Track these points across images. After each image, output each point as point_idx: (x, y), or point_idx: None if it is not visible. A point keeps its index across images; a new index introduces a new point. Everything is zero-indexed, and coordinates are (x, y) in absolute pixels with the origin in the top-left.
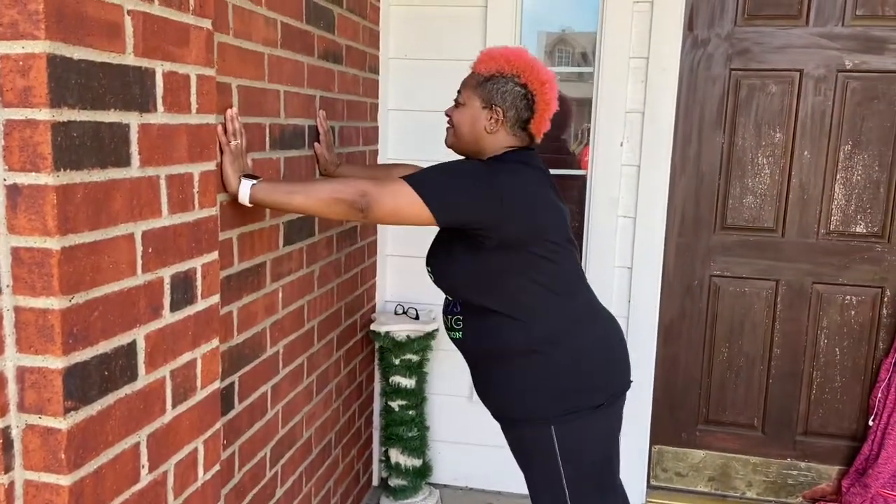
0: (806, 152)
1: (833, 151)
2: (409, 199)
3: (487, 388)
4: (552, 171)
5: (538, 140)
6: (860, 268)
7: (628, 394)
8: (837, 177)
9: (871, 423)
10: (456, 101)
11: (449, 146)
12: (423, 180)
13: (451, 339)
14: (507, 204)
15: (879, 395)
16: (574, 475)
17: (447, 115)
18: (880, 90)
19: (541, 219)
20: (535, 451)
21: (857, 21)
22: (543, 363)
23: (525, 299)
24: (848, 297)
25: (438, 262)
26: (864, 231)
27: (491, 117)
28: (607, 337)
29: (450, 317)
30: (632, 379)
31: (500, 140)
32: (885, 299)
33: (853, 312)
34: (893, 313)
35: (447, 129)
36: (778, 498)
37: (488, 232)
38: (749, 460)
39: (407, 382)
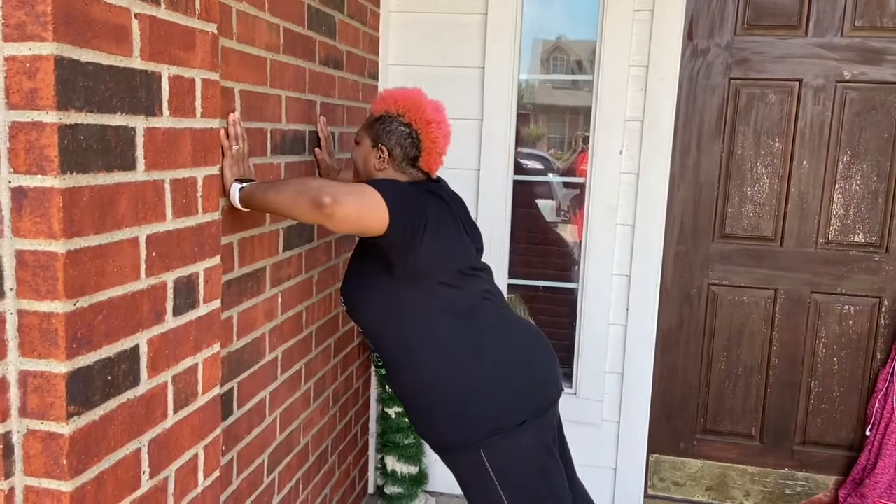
0: (805, 162)
1: (832, 161)
2: (375, 202)
3: (416, 420)
4: (549, 179)
5: (433, 175)
6: (858, 277)
7: (626, 403)
8: (836, 187)
9: (868, 433)
10: (354, 139)
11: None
12: (385, 187)
13: (381, 375)
14: (430, 230)
15: (877, 404)
16: (513, 493)
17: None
18: (878, 101)
19: (447, 250)
20: (472, 476)
21: (855, 32)
22: (459, 391)
23: (430, 329)
24: (846, 306)
25: (350, 289)
26: (863, 241)
27: (379, 156)
28: (522, 354)
29: (374, 355)
30: (561, 389)
31: (389, 177)
32: (883, 309)
33: (851, 322)
34: (891, 323)
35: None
36: None
37: (406, 256)
38: (747, 470)
39: None
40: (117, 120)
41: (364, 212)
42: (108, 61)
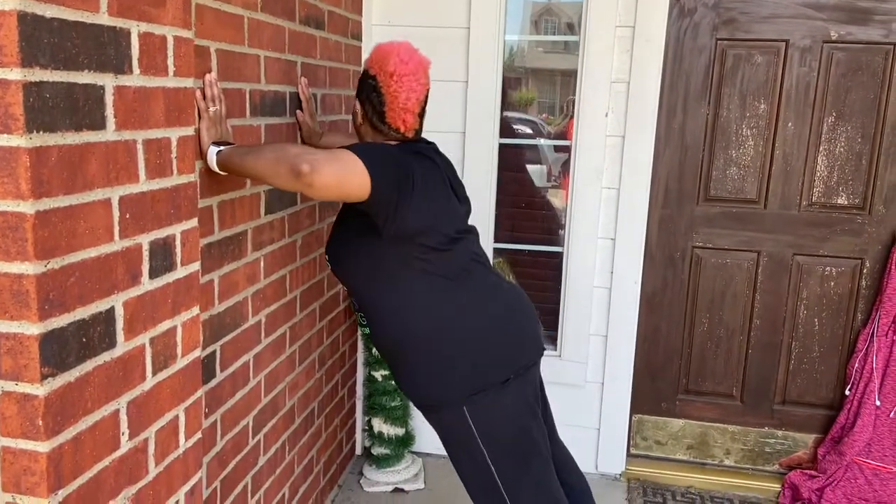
0: (790, 124)
1: (817, 123)
2: (355, 168)
3: (401, 378)
4: (534, 142)
5: (406, 134)
6: (841, 239)
7: (610, 364)
8: (820, 148)
9: (847, 392)
10: None
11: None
12: (365, 152)
13: (364, 335)
14: (417, 192)
15: (856, 365)
16: (496, 452)
17: None
18: (864, 61)
19: (437, 212)
20: (455, 434)
21: None
22: (443, 348)
23: (418, 287)
24: (828, 268)
25: (335, 249)
26: (846, 203)
27: (358, 110)
28: (507, 313)
29: (358, 314)
30: (543, 349)
31: (367, 134)
32: (865, 271)
33: (833, 284)
34: (872, 285)
35: None
36: (755, 465)
37: (393, 219)
38: (727, 429)
39: None
40: (85, 78)
41: (344, 179)
42: (74, 17)
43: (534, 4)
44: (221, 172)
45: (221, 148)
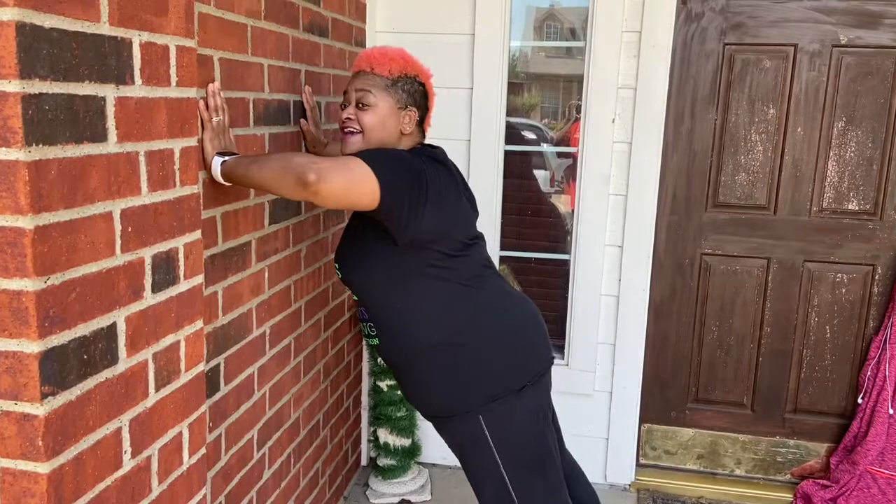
0: (799, 129)
1: (826, 128)
2: (363, 176)
3: (411, 389)
4: (540, 148)
5: (426, 135)
6: (852, 245)
7: (619, 373)
8: (830, 154)
9: (860, 400)
10: (362, 102)
11: (353, 153)
12: (375, 159)
13: (370, 346)
14: (431, 199)
15: (869, 372)
16: (510, 460)
17: (349, 116)
18: (874, 66)
19: (451, 218)
20: (469, 444)
21: None
22: (458, 357)
23: (431, 297)
24: (839, 275)
25: (346, 258)
26: (857, 209)
27: (409, 118)
28: (521, 320)
29: (364, 324)
30: (553, 355)
31: (412, 140)
32: (877, 277)
33: (844, 290)
34: (884, 291)
35: (348, 136)
36: (767, 475)
37: (406, 226)
38: (738, 438)
39: None
40: (85, 89)
41: (352, 187)
42: (74, 27)
43: (537, 10)
44: (226, 183)
45: (226, 158)
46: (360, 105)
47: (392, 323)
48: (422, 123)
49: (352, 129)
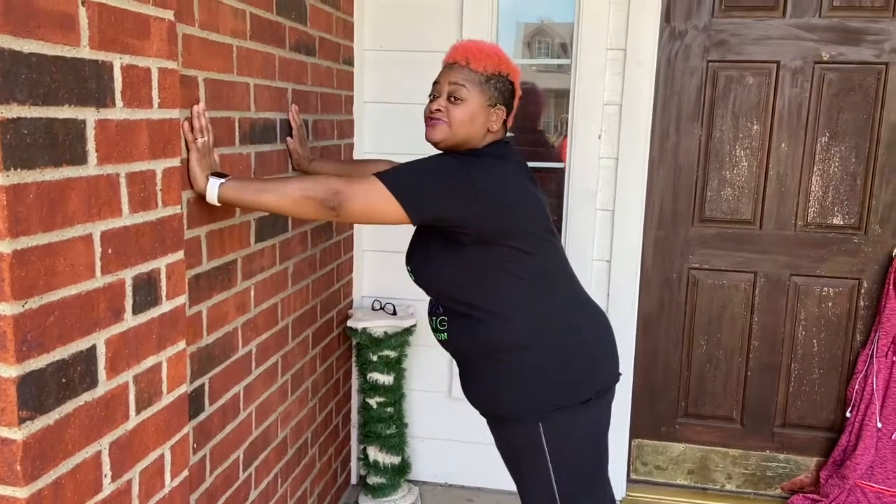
0: (783, 144)
1: (810, 143)
2: (382, 197)
3: (474, 386)
4: (533, 164)
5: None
6: (837, 259)
7: None
8: (815, 169)
9: (848, 414)
10: (454, 96)
11: (437, 140)
12: (396, 177)
13: (438, 340)
14: (482, 198)
15: (857, 386)
16: (563, 472)
17: (439, 108)
18: (856, 81)
19: (518, 211)
20: (524, 448)
21: (833, 12)
22: (528, 359)
23: (507, 295)
24: (825, 288)
25: (417, 261)
26: (842, 223)
27: (497, 116)
28: (594, 330)
29: (434, 318)
30: (621, 371)
31: (495, 137)
32: (863, 291)
33: (830, 304)
34: (870, 305)
35: (436, 122)
36: (757, 490)
37: (465, 228)
38: (728, 453)
39: (385, 379)
40: (65, 112)
41: (372, 211)
42: (54, 51)
43: (526, 25)
44: (218, 204)
45: (223, 181)
46: (452, 98)
47: (465, 321)
48: (506, 122)
49: (437, 119)
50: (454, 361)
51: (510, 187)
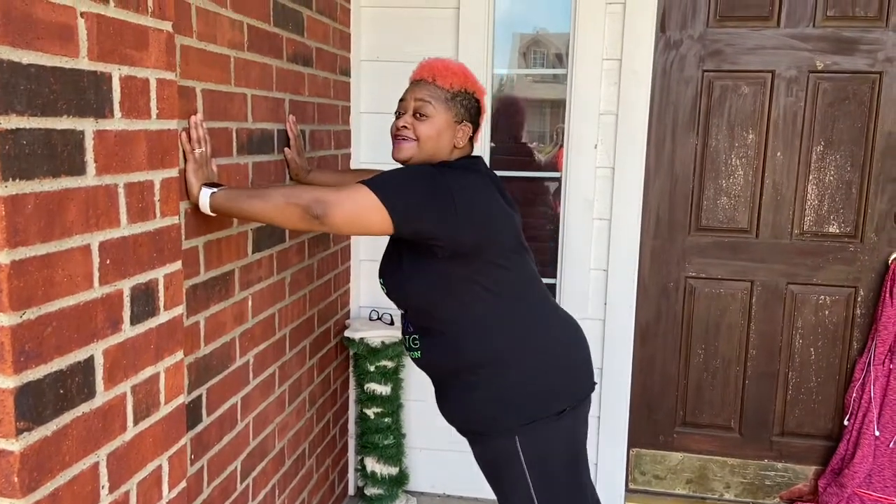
0: (779, 153)
1: (805, 152)
2: (369, 204)
3: (449, 403)
4: (529, 174)
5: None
6: (834, 268)
7: (606, 397)
8: (810, 177)
9: (846, 422)
10: (420, 112)
11: (404, 160)
12: (384, 184)
13: (412, 359)
14: (461, 210)
15: (854, 394)
16: (542, 483)
17: (405, 125)
18: (851, 90)
19: (492, 225)
20: (502, 463)
21: (827, 22)
22: (503, 374)
23: (479, 310)
24: (822, 297)
25: (390, 274)
26: (837, 231)
27: (463, 132)
28: (566, 341)
29: (407, 336)
30: (595, 381)
31: (462, 153)
32: (859, 299)
33: (827, 312)
34: (867, 313)
35: (402, 141)
36: (756, 499)
37: (441, 241)
38: (727, 462)
39: (382, 389)
40: (64, 123)
41: (358, 218)
42: (53, 62)
43: (522, 36)
44: (212, 214)
45: (215, 190)
46: (418, 115)
47: (437, 338)
48: (472, 138)
49: (404, 137)
50: None
51: (483, 199)
